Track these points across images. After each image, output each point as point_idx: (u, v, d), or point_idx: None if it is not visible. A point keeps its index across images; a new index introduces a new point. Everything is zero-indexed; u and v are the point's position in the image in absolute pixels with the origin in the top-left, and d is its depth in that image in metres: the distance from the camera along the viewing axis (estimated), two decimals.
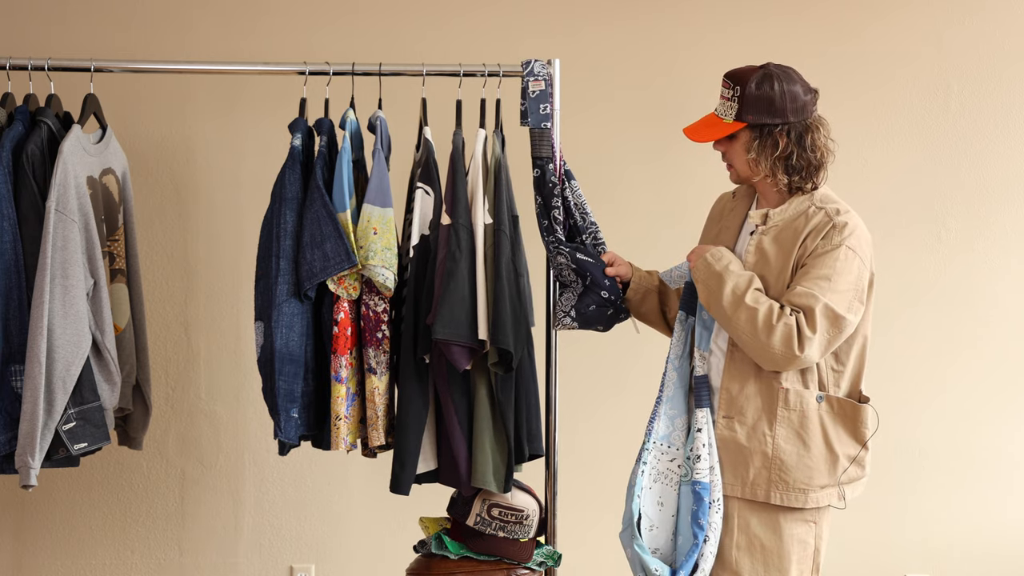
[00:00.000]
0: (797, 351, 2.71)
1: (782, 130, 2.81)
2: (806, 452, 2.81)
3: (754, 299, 2.75)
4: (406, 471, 3.11)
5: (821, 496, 2.83)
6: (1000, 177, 4.12)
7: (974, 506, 4.13)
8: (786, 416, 2.81)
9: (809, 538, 2.86)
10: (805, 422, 2.81)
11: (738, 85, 2.82)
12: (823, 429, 2.82)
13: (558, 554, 3.27)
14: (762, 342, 2.72)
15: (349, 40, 3.97)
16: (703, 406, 2.88)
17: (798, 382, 2.81)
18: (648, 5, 4.07)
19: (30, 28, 3.95)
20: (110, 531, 4.02)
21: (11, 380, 3.02)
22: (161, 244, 3.99)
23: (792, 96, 2.82)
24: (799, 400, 2.81)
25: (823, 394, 2.82)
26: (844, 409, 2.84)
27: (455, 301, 3.04)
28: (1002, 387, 4.13)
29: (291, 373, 3.11)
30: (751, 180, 2.90)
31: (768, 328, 2.71)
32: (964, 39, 4.10)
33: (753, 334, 2.73)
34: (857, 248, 2.78)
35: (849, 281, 2.76)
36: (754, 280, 2.79)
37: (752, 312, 2.73)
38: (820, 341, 2.72)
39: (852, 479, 2.88)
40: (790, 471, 2.81)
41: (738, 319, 2.75)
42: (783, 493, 2.81)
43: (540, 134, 3.15)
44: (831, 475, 2.83)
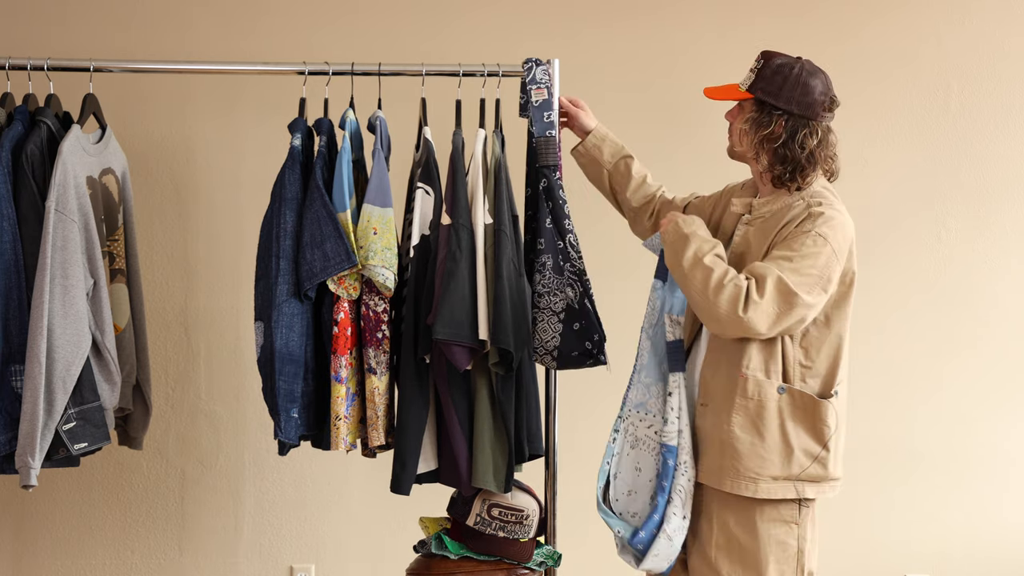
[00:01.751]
0: (741, 312, 2.69)
1: (781, 115, 2.83)
2: (760, 442, 2.80)
3: (712, 261, 2.76)
4: (406, 471, 3.11)
5: (774, 488, 2.81)
6: (1000, 177, 4.12)
7: (974, 506, 4.14)
8: (743, 404, 2.81)
9: (790, 539, 2.85)
10: (762, 412, 2.80)
11: (763, 59, 2.86)
12: (781, 421, 2.81)
13: (558, 554, 3.27)
14: (710, 300, 2.72)
15: (349, 40, 3.97)
16: (676, 370, 2.90)
17: (760, 371, 2.80)
18: (647, 6, 4.07)
19: (30, 28, 3.95)
20: (110, 531, 4.02)
21: (11, 380, 3.02)
22: (161, 244, 3.99)
23: (805, 89, 2.82)
24: (758, 389, 2.80)
25: (785, 386, 2.82)
26: (805, 404, 2.82)
27: (455, 301, 3.04)
28: (1001, 387, 4.13)
29: (291, 373, 3.11)
30: (741, 156, 2.93)
31: (718, 287, 2.71)
32: (964, 39, 4.10)
33: (704, 292, 2.73)
34: (829, 237, 2.76)
35: (814, 265, 2.73)
36: (718, 247, 2.81)
37: (707, 272, 2.74)
38: (767, 311, 2.70)
39: (814, 478, 2.84)
40: (741, 459, 2.80)
41: (694, 277, 2.76)
42: (733, 480, 2.81)
43: (546, 142, 3.14)
44: (784, 468, 2.81)
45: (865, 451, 4.12)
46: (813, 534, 2.90)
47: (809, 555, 2.89)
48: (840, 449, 2.89)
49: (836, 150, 2.90)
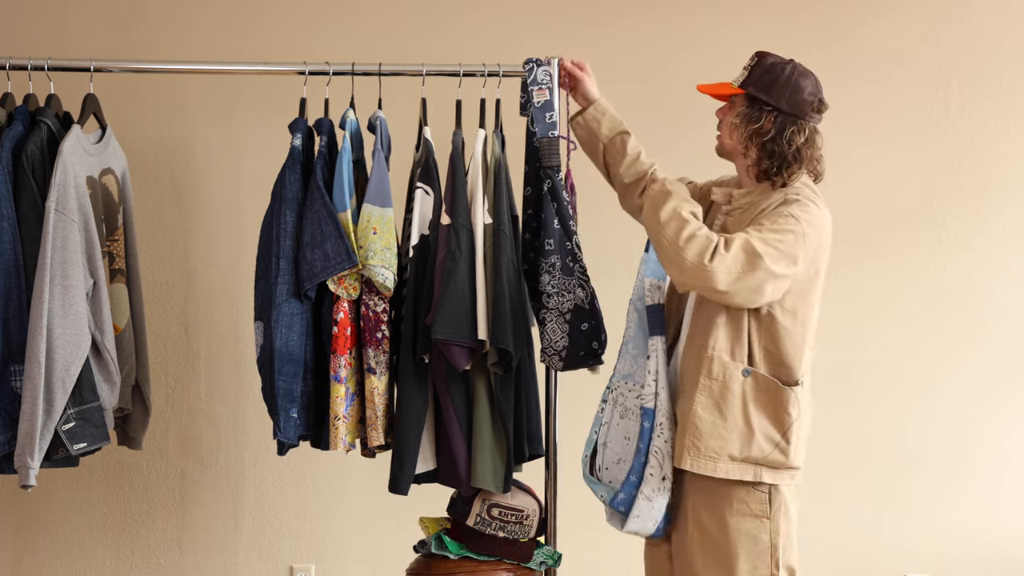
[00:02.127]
0: (707, 261, 2.74)
1: (771, 112, 2.89)
2: (722, 422, 2.84)
3: (689, 217, 2.82)
4: (405, 471, 3.11)
5: (733, 469, 2.84)
6: (1000, 177, 4.12)
7: (973, 506, 4.13)
8: (707, 385, 2.85)
9: (761, 534, 2.87)
10: (725, 393, 2.84)
11: (757, 57, 2.94)
12: (744, 403, 2.85)
13: (558, 554, 3.27)
14: (679, 248, 2.77)
15: (349, 40, 3.97)
16: (656, 334, 2.96)
17: (726, 353, 2.85)
18: (647, 4, 4.07)
19: (30, 28, 3.95)
20: (110, 531, 4.02)
21: (11, 380, 3.02)
22: (161, 244, 3.99)
23: (795, 88, 2.89)
24: (723, 371, 2.84)
25: (751, 370, 2.85)
26: (768, 388, 2.85)
27: (455, 301, 3.04)
28: (1001, 387, 4.13)
29: (290, 373, 3.11)
30: (731, 152, 2.98)
31: (690, 238, 2.77)
32: (963, 39, 4.10)
33: (675, 241, 2.78)
34: (801, 219, 2.81)
35: (782, 240, 2.78)
36: (697, 209, 2.87)
37: (682, 223, 2.80)
38: (730, 266, 2.74)
39: (774, 464, 2.87)
40: (703, 438, 2.85)
41: (668, 227, 2.81)
42: (694, 459, 2.85)
43: (549, 143, 3.15)
44: (744, 450, 2.84)
45: (865, 451, 4.12)
46: (788, 529, 2.91)
47: (785, 550, 2.90)
48: (801, 438, 2.90)
49: (822, 152, 2.95)
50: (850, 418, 4.10)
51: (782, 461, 2.87)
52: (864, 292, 4.10)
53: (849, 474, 4.11)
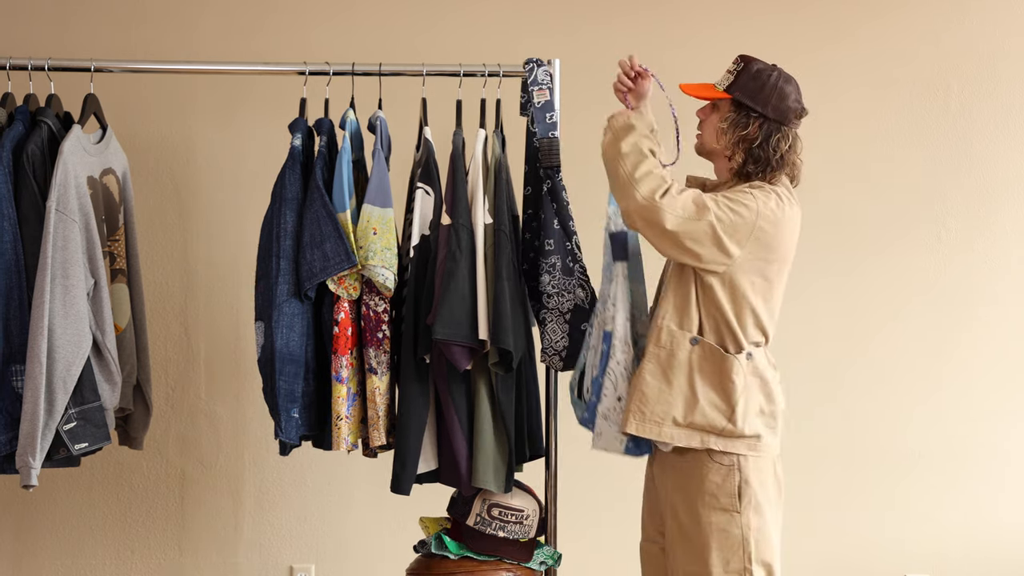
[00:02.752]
0: (658, 197, 2.82)
1: (757, 118, 2.93)
2: (667, 388, 2.90)
3: (649, 152, 2.90)
4: (407, 471, 3.11)
5: (678, 435, 2.89)
6: (1000, 177, 4.12)
7: (973, 506, 4.13)
8: (655, 352, 2.91)
9: (732, 528, 2.88)
10: (672, 360, 2.90)
11: (743, 62, 2.98)
12: (689, 370, 2.90)
13: (558, 554, 3.27)
14: (635, 180, 2.85)
15: (349, 40, 3.97)
16: (618, 259, 3.04)
17: (673, 322, 2.90)
18: (646, 3, 4.07)
19: (30, 28, 3.95)
20: (110, 531, 4.02)
21: (12, 380, 3.02)
22: (161, 244, 3.99)
23: (781, 95, 2.94)
24: (671, 339, 2.90)
25: (699, 339, 2.90)
26: (713, 356, 2.89)
27: (455, 301, 3.05)
28: (1001, 386, 4.13)
29: (291, 373, 3.11)
30: (712, 153, 3.02)
31: (647, 174, 2.86)
32: (963, 39, 4.10)
33: (631, 174, 2.86)
34: (759, 198, 2.87)
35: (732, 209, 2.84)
36: (658, 146, 2.94)
37: (642, 159, 2.88)
38: (680, 208, 2.82)
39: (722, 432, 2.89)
40: (648, 403, 2.91)
41: (626, 159, 2.89)
42: (639, 423, 2.91)
43: (549, 143, 3.15)
44: (688, 415, 2.89)
45: (864, 450, 4.12)
46: (760, 523, 2.91)
47: (760, 546, 2.90)
48: (750, 410, 2.91)
49: (802, 156, 3.00)
50: (850, 418, 4.10)
51: (730, 429, 2.89)
52: (864, 292, 4.11)
53: (849, 474, 4.11)
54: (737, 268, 2.87)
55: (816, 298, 4.07)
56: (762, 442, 2.92)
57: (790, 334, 3.96)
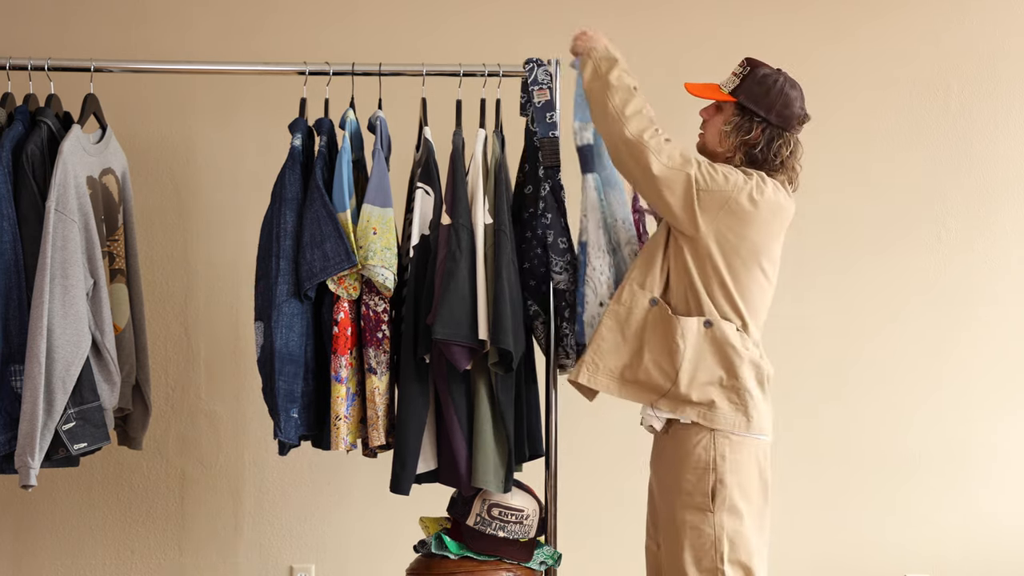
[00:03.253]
0: (647, 137, 2.90)
1: (760, 123, 2.96)
2: (622, 343, 2.96)
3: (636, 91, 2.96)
4: (406, 471, 3.11)
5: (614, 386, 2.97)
6: (1000, 177, 4.12)
7: (973, 506, 4.13)
8: (615, 309, 2.98)
9: (704, 527, 2.90)
10: (629, 318, 2.96)
11: (749, 66, 3.00)
12: (642, 329, 2.96)
13: (558, 554, 3.27)
14: (624, 117, 2.92)
15: (349, 40, 3.97)
16: (587, 171, 3.13)
17: (637, 281, 2.97)
18: (646, 2, 4.07)
19: (30, 28, 3.95)
20: (110, 531, 4.02)
21: (11, 380, 3.02)
22: (161, 244, 3.98)
23: (786, 101, 2.96)
24: (631, 297, 2.97)
25: (659, 300, 2.95)
26: (664, 318, 2.94)
27: (455, 301, 3.04)
28: (1001, 387, 4.13)
29: (291, 373, 3.11)
30: (713, 152, 3.04)
31: (636, 113, 2.93)
32: (963, 39, 4.10)
33: (620, 109, 2.93)
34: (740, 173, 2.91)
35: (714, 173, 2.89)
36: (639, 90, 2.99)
37: (630, 96, 2.96)
38: (667, 156, 2.89)
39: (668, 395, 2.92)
40: (602, 356, 2.98)
41: (613, 94, 2.96)
42: (591, 375, 2.98)
43: (550, 143, 3.16)
44: (633, 373, 2.96)
45: (864, 451, 4.12)
46: (736, 525, 2.91)
47: (734, 546, 2.91)
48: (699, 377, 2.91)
49: (801, 163, 3.03)
50: (849, 418, 4.10)
51: (674, 391, 2.92)
52: (864, 292, 4.10)
53: (848, 474, 4.11)
54: (709, 237, 2.90)
55: (816, 298, 4.07)
56: (717, 412, 2.91)
57: (790, 334, 3.97)
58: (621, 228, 3.16)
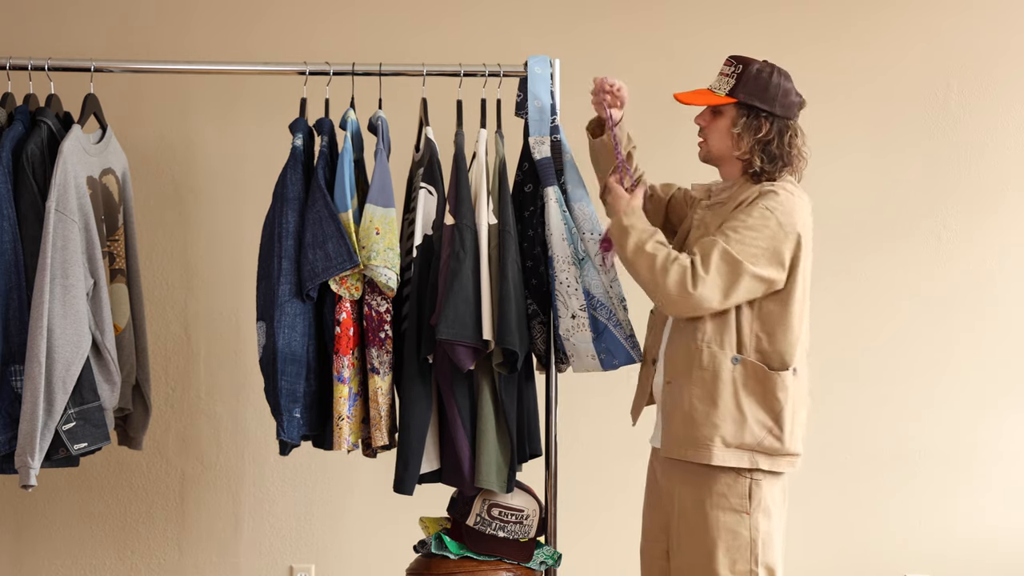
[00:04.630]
0: (691, 288, 2.81)
1: (767, 117, 2.93)
2: (714, 410, 2.88)
3: (654, 248, 2.89)
4: (409, 471, 3.11)
5: (727, 456, 2.87)
6: (1000, 177, 4.12)
7: (974, 506, 4.13)
8: (700, 375, 2.89)
9: (741, 529, 2.88)
10: (716, 381, 2.88)
11: (740, 64, 2.96)
12: (734, 390, 2.88)
13: (558, 554, 3.27)
14: (659, 283, 2.85)
15: (349, 40, 3.97)
16: (547, 185, 3.12)
17: (715, 343, 2.89)
18: (647, 3, 4.07)
19: (30, 28, 3.95)
20: (110, 531, 4.02)
21: (11, 380, 3.02)
22: (161, 244, 3.98)
23: (784, 92, 2.94)
24: (712, 360, 2.88)
25: (740, 357, 2.88)
26: (758, 375, 2.89)
27: (459, 301, 3.04)
28: (1001, 387, 4.13)
29: (293, 373, 3.11)
30: (720, 158, 3.01)
31: (663, 270, 2.84)
32: (963, 39, 4.10)
33: (651, 277, 2.86)
34: (775, 211, 2.85)
35: (759, 236, 2.83)
36: (657, 234, 2.93)
37: (651, 258, 2.87)
38: (715, 283, 2.81)
39: (769, 451, 2.89)
40: (698, 427, 2.89)
41: (640, 265, 2.89)
42: (692, 448, 2.89)
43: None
44: (737, 435, 2.87)
45: (865, 451, 4.12)
46: (768, 526, 2.91)
47: (766, 548, 2.90)
48: (797, 425, 2.92)
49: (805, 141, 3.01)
50: (850, 418, 4.10)
51: (777, 447, 2.89)
52: (864, 292, 4.10)
53: (849, 474, 4.11)
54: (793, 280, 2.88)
55: (816, 298, 4.05)
56: (799, 459, 2.93)
57: None
58: (589, 240, 3.13)
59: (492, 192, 3.14)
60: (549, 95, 3.20)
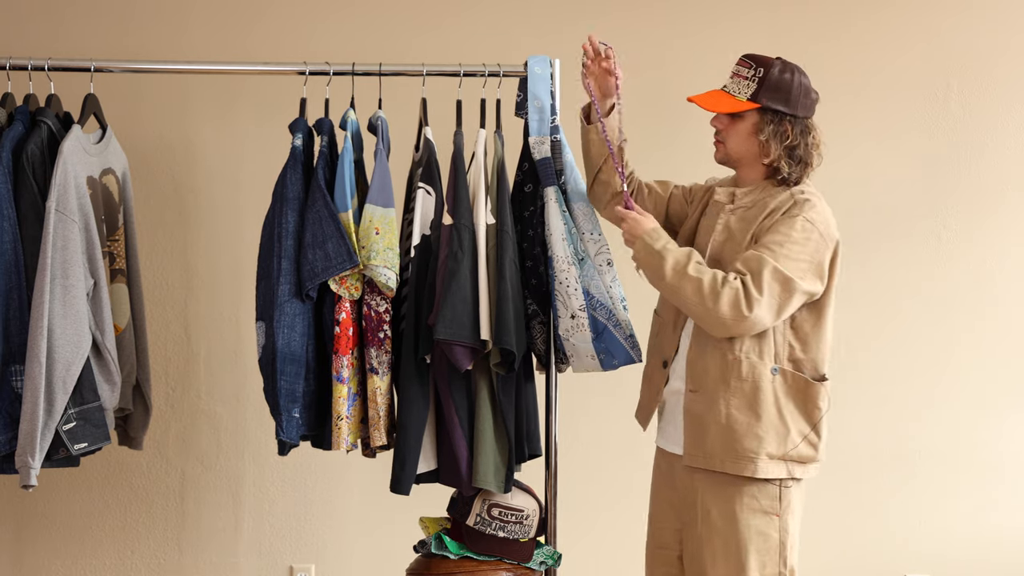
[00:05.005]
0: (746, 312, 2.75)
1: (790, 120, 2.87)
2: (756, 422, 2.84)
3: (696, 270, 2.80)
4: (406, 471, 3.11)
5: (771, 468, 2.84)
6: (1000, 177, 4.12)
7: (974, 506, 4.13)
8: (739, 387, 2.84)
9: (771, 531, 2.87)
10: (757, 393, 2.84)
11: (761, 67, 2.88)
12: (776, 400, 2.85)
13: (558, 554, 3.27)
14: (709, 308, 2.76)
15: (349, 40, 3.97)
16: (547, 185, 3.12)
17: (753, 353, 2.84)
18: (647, 2, 4.07)
19: (30, 28, 3.95)
20: (110, 531, 4.02)
21: (11, 380, 3.02)
22: (161, 244, 3.98)
23: (805, 91, 2.89)
24: (752, 371, 2.84)
25: (778, 367, 2.86)
26: (797, 384, 2.87)
27: (457, 301, 3.04)
28: (1002, 387, 4.13)
29: (292, 373, 3.11)
30: (739, 162, 2.95)
31: (714, 294, 2.76)
32: (963, 38, 4.10)
33: (700, 303, 2.78)
34: (816, 222, 2.82)
35: (804, 251, 2.79)
36: (693, 254, 2.85)
37: (697, 282, 2.78)
38: (769, 303, 2.76)
39: (804, 459, 2.89)
40: (740, 440, 2.84)
41: (684, 290, 2.80)
42: (733, 462, 2.85)
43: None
44: (780, 446, 2.85)
45: (865, 451, 4.12)
46: (794, 527, 2.92)
47: (791, 550, 2.91)
48: (826, 432, 2.92)
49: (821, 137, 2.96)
50: (850, 418, 4.10)
51: (811, 455, 2.89)
52: (864, 292, 4.10)
53: (849, 474, 4.11)
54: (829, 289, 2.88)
55: None
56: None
57: None
58: (589, 240, 3.13)
59: (490, 192, 3.14)
60: (549, 95, 3.20)
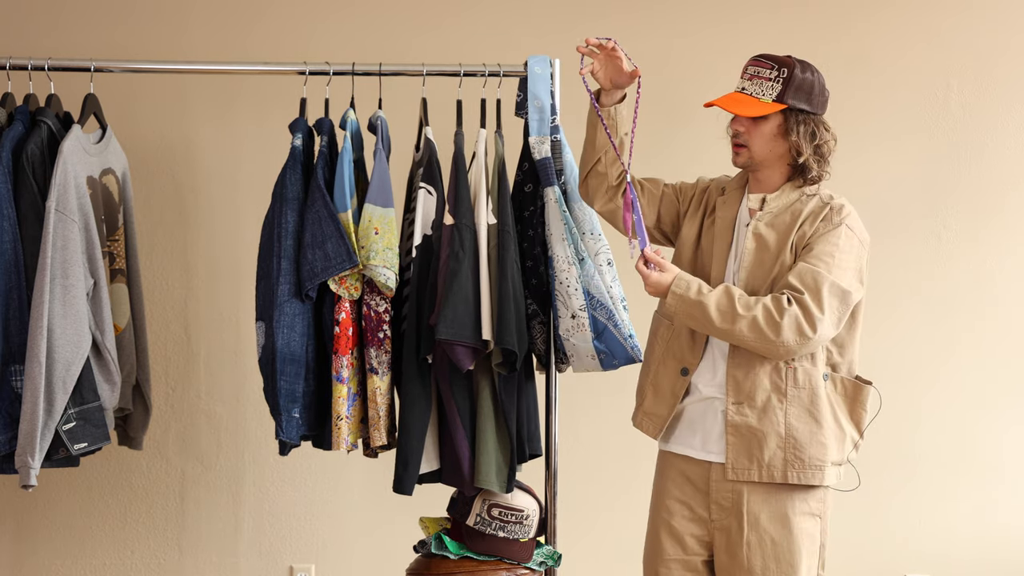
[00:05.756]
0: (810, 333, 2.72)
1: (812, 119, 2.84)
2: (819, 429, 2.82)
3: (745, 306, 2.73)
4: (409, 471, 3.11)
5: (831, 473, 2.85)
6: (1000, 177, 4.12)
7: (974, 506, 4.13)
8: (796, 394, 2.81)
9: (816, 533, 2.87)
10: (815, 399, 2.82)
11: (784, 67, 2.82)
12: (831, 406, 2.84)
13: (558, 554, 3.27)
14: (772, 340, 2.72)
15: (349, 40, 3.97)
16: (547, 185, 3.12)
17: (807, 359, 2.82)
18: (647, 2, 4.07)
19: (30, 28, 3.95)
20: (110, 531, 4.02)
21: (11, 380, 3.02)
22: (161, 244, 3.98)
23: (822, 89, 2.87)
24: (808, 378, 2.82)
25: (828, 372, 2.85)
26: (847, 388, 2.87)
27: (458, 301, 3.04)
28: (1002, 387, 4.13)
29: (292, 373, 3.11)
30: (763, 164, 2.87)
31: (774, 326, 2.71)
32: (963, 39, 4.10)
33: (760, 338, 2.72)
34: (856, 229, 2.84)
35: (851, 259, 2.80)
36: (731, 290, 2.77)
37: (751, 320, 2.72)
38: (830, 319, 2.75)
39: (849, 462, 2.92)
40: (804, 448, 2.81)
41: (739, 332, 2.74)
42: (800, 471, 2.81)
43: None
44: (840, 452, 2.86)
45: (865, 451, 4.10)
46: (830, 529, 2.93)
47: (827, 550, 2.92)
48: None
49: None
50: None
51: (854, 457, 2.92)
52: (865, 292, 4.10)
53: None
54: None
55: None
56: None
57: None
58: (589, 239, 3.13)
59: (491, 192, 3.14)
60: (549, 95, 3.20)
